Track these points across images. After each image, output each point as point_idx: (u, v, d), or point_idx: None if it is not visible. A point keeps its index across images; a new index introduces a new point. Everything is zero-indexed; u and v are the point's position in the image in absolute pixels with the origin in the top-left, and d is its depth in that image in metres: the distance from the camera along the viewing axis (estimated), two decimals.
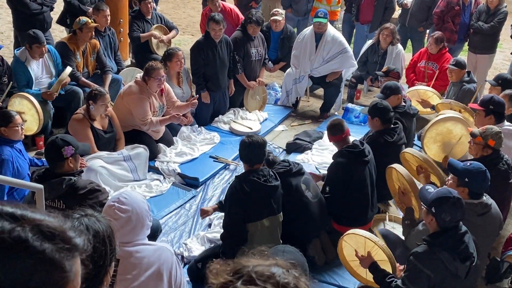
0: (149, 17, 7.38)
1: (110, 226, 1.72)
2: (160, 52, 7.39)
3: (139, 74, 5.74)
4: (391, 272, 3.48)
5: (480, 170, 3.74)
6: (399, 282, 3.27)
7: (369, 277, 3.60)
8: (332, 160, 4.71)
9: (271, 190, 3.94)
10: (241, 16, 7.68)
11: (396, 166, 4.36)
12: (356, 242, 3.70)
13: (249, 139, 4.03)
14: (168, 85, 5.95)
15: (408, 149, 4.91)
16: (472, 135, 4.48)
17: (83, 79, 6.25)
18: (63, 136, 3.76)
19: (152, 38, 7.33)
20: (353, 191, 4.50)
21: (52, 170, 3.61)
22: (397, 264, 3.60)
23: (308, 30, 7.26)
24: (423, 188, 3.60)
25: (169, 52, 6.19)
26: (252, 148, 3.98)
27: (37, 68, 5.89)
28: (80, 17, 6.25)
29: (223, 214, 4.84)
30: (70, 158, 3.62)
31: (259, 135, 4.14)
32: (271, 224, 3.95)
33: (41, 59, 5.90)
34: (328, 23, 7.22)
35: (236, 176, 4.10)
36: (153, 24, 7.42)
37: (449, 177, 3.89)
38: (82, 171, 3.95)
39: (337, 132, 4.66)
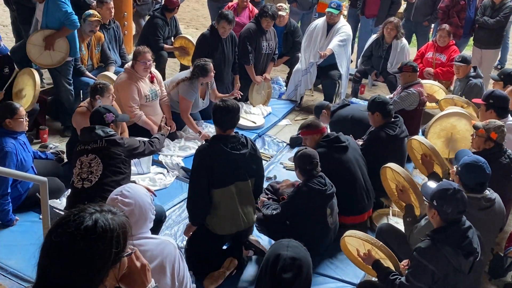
0: (169, 19, 7.35)
1: (124, 226, 1.67)
2: (184, 62, 7.51)
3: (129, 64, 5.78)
4: (394, 269, 3.48)
5: (474, 162, 3.71)
6: (403, 279, 3.26)
7: None
8: None
9: (238, 157, 3.87)
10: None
11: (390, 165, 4.32)
12: (357, 241, 3.70)
13: (224, 103, 3.92)
14: (160, 77, 5.98)
15: (416, 137, 4.91)
16: (475, 127, 4.47)
17: (88, 73, 6.29)
18: (105, 106, 4.41)
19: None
20: (341, 179, 4.42)
21: None
22: (400, 263, 3.60)
23: (321, 20, 7.33)
24: (424, 184, 3.60)
25: (204, 67, 5.88)
26: (226, 112, 3.88)
27: None
28: (89, 10, 6.29)
29: None
30: (112, 123, 4.23)
31: (234, 101, 4.11)
32: (238, 190, 3.92)
33: None
34: (341, 16, 7.26)
35: (205, 140, 4.03)
36: (169, 25, 7.39)
37: (455, 166, 3.91)
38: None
39: (312, 128, 4.69)
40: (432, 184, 3.49)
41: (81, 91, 6.19)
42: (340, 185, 4.32)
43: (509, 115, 5.05)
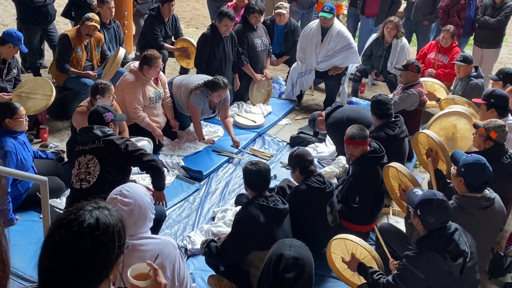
0: (167, 19, 7.34)
1: (122, 220, 1.72)
2: (182, 63, 7.54)
3: (133, 63, 5.75)
4: (377, 267, 3.50)
5: (478, 162, 3.70)
6: (389, 278, 3.28)
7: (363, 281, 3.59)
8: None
9: (282, 214, 3.79)
10: None
11: (395, 165, 4.31)
12: (341, 249, 3.71)
13: (256, 166, 3.85)
14: (164, 78, 5.97)
15: (424, 130, 4.91)
16: (475, 126, 4.46)
17: (72, 69, 6.19)
18: (103, 105, 4.44)
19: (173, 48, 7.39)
20: (376, 194, 4.51)
21: None
22: (391, 260, 3.61)
23: (315, 23, 7.27)
24: (410, 191, 3.57)
25: (216, 83, 5.72)
26: (258, 175, 3.81)
27: None
28: (89, 13, 6.27)
29: (226, 207, 4.87)
30: (111, 123, 4.24)
31: (264, 162, 4.08)
32: None
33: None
34: (335, 18, 7.22)
35: (245, 203, 3.90)
36: (168, 26, 7.38)
37: (453, 167, 3.90)
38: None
39: (368, 138, 4.59)
40: (418, 192, 3.48)
41: (80, 91, 6.19)
42: (374, 198, 4.49)
43: (510, 114, 5.05)
